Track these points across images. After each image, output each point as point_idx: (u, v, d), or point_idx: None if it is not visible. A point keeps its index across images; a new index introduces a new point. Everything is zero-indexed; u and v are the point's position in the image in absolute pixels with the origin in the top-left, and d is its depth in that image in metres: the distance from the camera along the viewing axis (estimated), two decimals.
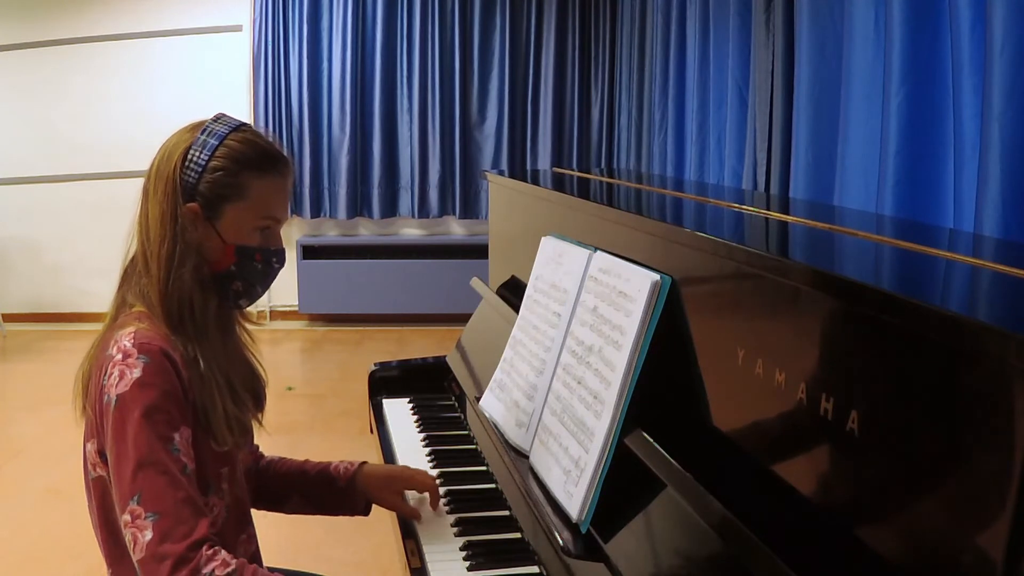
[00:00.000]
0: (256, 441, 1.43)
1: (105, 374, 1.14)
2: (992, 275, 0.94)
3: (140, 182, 1.26)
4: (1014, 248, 1.28)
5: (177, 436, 1.13)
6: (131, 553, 1.09)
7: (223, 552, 1.10)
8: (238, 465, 1.31)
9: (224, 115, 1.28)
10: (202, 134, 1.24)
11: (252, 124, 1.30)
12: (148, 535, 1.07)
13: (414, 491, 1.53)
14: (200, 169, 1.21)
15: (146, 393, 1.11)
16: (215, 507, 1.23)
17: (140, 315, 1.21)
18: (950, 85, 1.73)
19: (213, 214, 1.23)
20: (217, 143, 1.23)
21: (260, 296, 1.32)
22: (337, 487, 1.49)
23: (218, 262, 1.25)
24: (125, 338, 1.15)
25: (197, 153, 1.22)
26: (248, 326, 1.39)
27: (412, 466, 1.73)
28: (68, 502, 3.09)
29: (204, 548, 1.08)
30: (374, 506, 1.53)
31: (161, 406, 1.12)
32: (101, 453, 1.17)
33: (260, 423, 1.38)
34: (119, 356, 1.14)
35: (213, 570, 1.07)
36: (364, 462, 1.53)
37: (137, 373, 1.12)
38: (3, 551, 2.82)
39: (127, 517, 1.09)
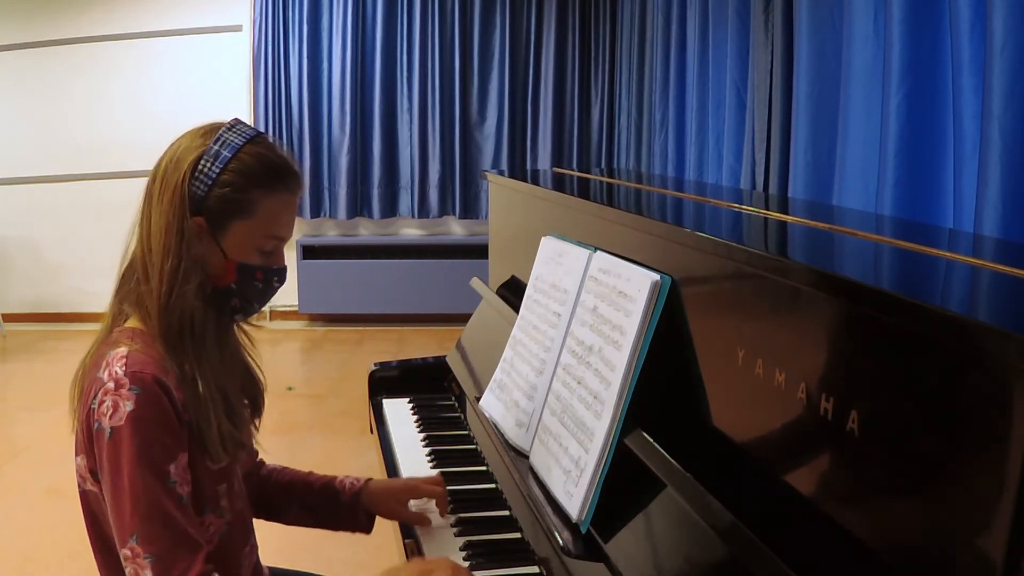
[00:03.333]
0: (256, 442, 1.42)
1: (95, 398, 1.11)
2: (992, 275, 0.94)
3: (141, 182, 1.23)
4: (1014, 248, 1.28)
5: (173, 467, 1.12)
6: None
7: None
8: (236, 478, 1.29)
9: (240, 122, 1.23)
10: (215, 143, 1.18)
11: (267, 134, 1.25)
12: (147, 574, 1.08)
13: (419, 499, 1.50)
14: (210, 182, 1.17)
15: (140, 428, 1.09)
16: (211, 526, 1.21)
17: (134, 333, 1.18)
18: (950, 85, 1.73)
19: (218, 229, 1.19)
20: (230, 155, 1.18)
21: (257, 312, 1.30)
22: (340, 501, 1.46)
23: (218, 277, 1.21)
24: (116, 363, 1.12)
25: (208, 164, 1.17)
26: (247, 328, 1.36)
27: (412, 467, 1.73)
28: (68, 502, 3.07)
29: None
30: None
31: (156, 438, 1.10)
32: (92, 471, 1.15)
33: (256, 429, 1.36)
34: (111, 384, 1.10)
35: None
36: (370, 478, 1.50)
37: (130, 406, 1.09)
38: (3, 551, 2.82)
39: (127, 552, 1.09)
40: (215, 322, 1.23)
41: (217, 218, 1.19)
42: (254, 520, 1.41)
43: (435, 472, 1.67)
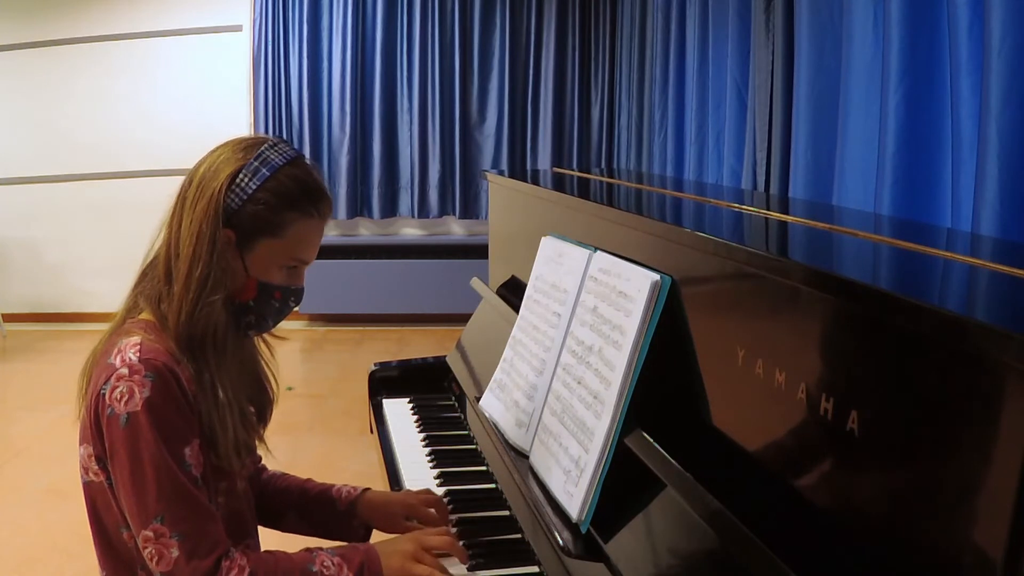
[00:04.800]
0: (266, 450, 1.43)
1: (107, 383, 1.12)
2: (991, 275, 0.95)
3: (140, 182, 1.24)
4: (1012, 248, 1.28)
5: (188, 450, 1.14)
6: (152, 566, 1.12)
7: (235, 554, 1.15)
8: (240, 480, 1.30)
9: (282, 142, 1.24)
10: (255, 159, 1.19)
11: (305, 157, 1.27)
12: (175, 552, 1.10)
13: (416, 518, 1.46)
14: (245, 197, 1.18)
15: (158, 413, 1.11)
16: None
17: (147, 325, 1.19)
18: (948, 85, 1.74)
19: (245, 245, 1.20)
20: (268, 174, 1.19)
21: (269, 329, 1.31)
22: (336, 510, 1.45)
23: (237, 292, 1.22)
24: (130, 350, 1.13)
25: (246, 179, 1.18)
26: (268, 338, 1.37)
27: (412, 467, 1.73)
28: (68, 502, 3.09)
29: (224, 561, 1.13)
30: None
31: (172, 423, 1.12)
32: (98, 459, 1.16)
33: (262, 438, 1.37)
34: (124, 370, 1.12)
35: None
36: (367, 488, 1.49)
37: (147, 392, 1.10)
38: (3, 551, 2.82)
39: (149, 534, 1.11)
40: (233, 333, 1.24)
41: (246, 233, 1.20)
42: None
43: (436, 472, 1.67)
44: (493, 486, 1.60)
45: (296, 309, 5.69)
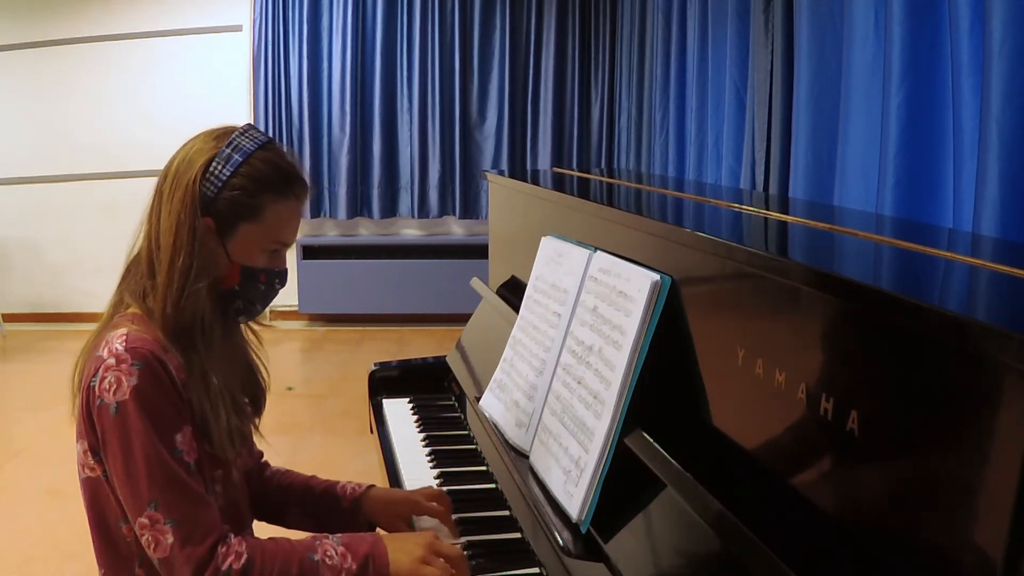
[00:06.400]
0: (264, 441, 1.43)
1: (96, 376, 1.13)
2: (991, 275, 0.95)
3: (141, 182, 1.25)
4: (1012, 247, 1.28)
5: (179, 437, 1.15)
6: (149, 552, 1.13)
7: (232, 540, 1.15)
8: (235, 469, 1.31)
9: (252, 128, 1.26)
10: (227, 147, 1.21)
11: (276, 141, 1.28)
12: (170, 538, 1.11)
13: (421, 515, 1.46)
14: (220, 184, 1.20)
15: (146, 401, 1.12)
16: None
17: (134, 316, 1.20)
18: (949, 85, 1.74)
19: (225, 231, 1.22)
20: (241, 159, 1.20)
21: (259, 313, 1.32)
22: (341, 507, 1.45)
23: (222, 280, 1.24)
24: (116, 340, 1.14)
25: (220, 167, 1.20)
26: (256, 328, 1.39)
27: (412, 467, 1.73)
28: (68, 502, 3.09)
29: (220, 547, 1.13)
30: None
31: (161, 410, 1.13)
32: (94, 453, 1.17)
33: (257, 428, 1.37)
34: (111, 360, 1.13)
35: (230, 564, 1.12)
36: (372, 485, 1.48)
37: (134, 381, 1.11)
38: (3, 551, 2.82)
39: (144, 521, 1.11)
40: (221, 321, 1.25)
41: (225, 220, 1.21)
42: (256, 524, 1.42)
43: (436, 472, 1.67)
44: (493, 486, 1.60)
45: (296, 309, 5.66)
